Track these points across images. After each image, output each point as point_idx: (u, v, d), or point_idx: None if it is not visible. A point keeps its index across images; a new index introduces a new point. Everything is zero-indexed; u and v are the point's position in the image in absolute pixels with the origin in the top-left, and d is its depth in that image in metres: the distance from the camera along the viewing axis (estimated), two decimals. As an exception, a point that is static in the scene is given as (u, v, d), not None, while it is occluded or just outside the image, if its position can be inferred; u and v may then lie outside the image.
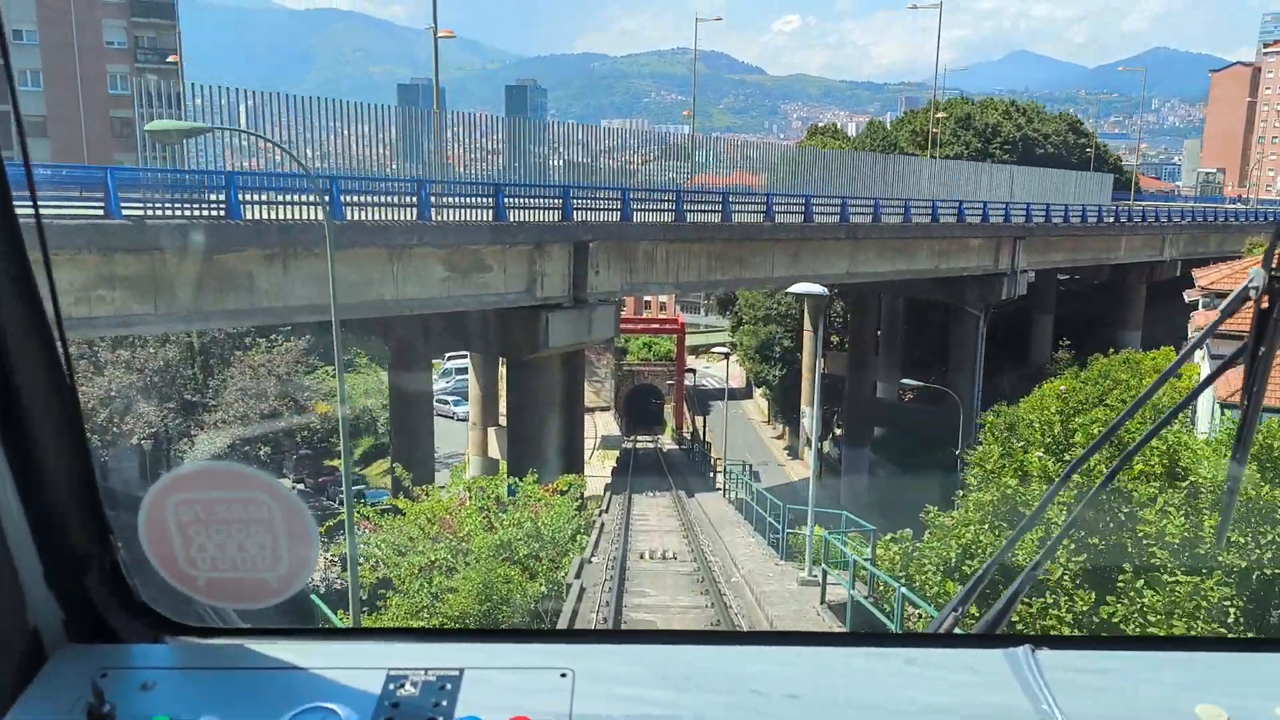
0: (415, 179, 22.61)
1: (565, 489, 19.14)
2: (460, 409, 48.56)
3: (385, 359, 34.89)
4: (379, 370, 41.93)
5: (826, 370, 40.65)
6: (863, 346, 48.77)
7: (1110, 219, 49.00)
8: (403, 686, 1.40)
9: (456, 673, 1.42)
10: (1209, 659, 1.57)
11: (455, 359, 53.90)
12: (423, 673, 1.42)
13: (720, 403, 56.11)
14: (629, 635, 1.68)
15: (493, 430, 34.23)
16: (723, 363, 60.82)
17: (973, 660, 1.52)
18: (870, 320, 49.43)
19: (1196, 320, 25.03)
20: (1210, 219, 59.67)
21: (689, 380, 62.20)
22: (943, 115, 58.13)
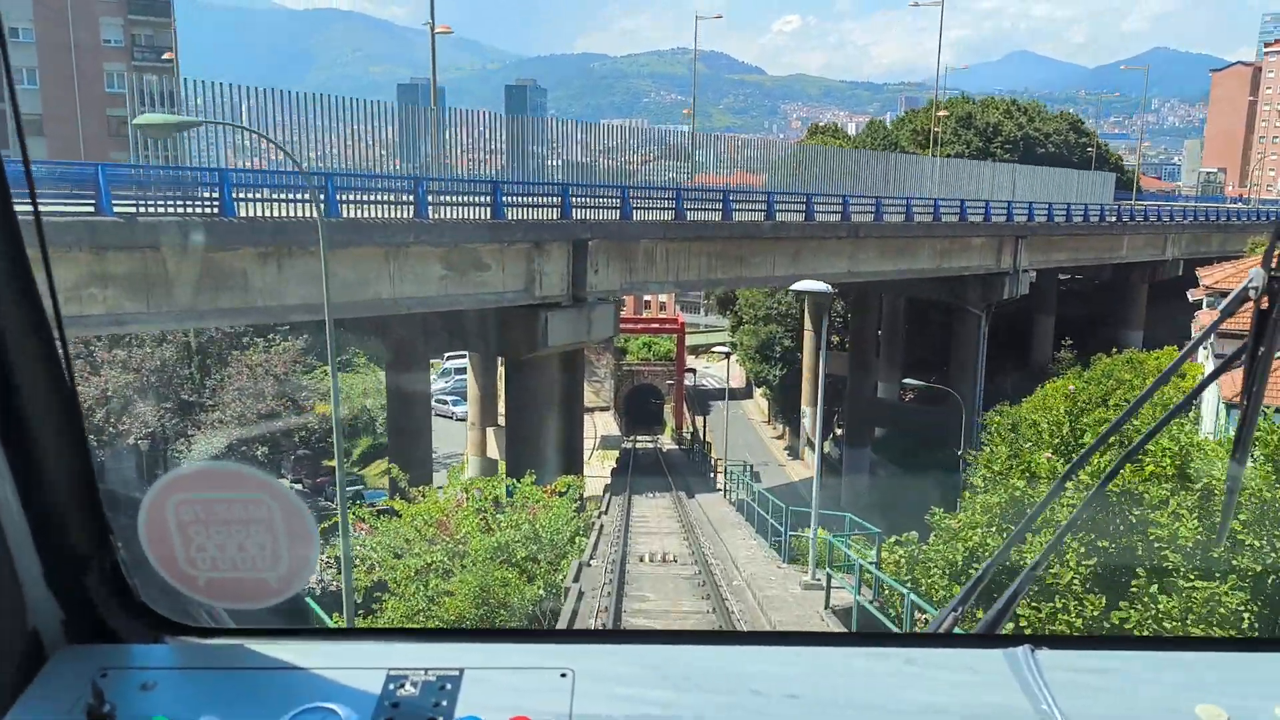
0: (412, 176, 22.39)
1: (564, 490, 18.93)
2: (459, 409, 48.42)
3: (383, 359, 34.69)
4: (377, 370, 41.72)
5: (827, 370, 40.48)
6: (864, 346, 48.62)
7: (1112, 218, 48.79)
8: (403, 686, 1.40)
9: (456, 673, 1.43)
10: (1209, 659, 1.57)
11: (454, 359, 53.71)
12: (423, 673, 1.43)
13: (720, 403, 55.94)
14: (629, 635, 1.68)
15: (491, 430, 34.08)
16: (723, 363, 60.68)
17: (972, 660, 1.52)
18: (871, 320, 49.28)
19: (1201, 319, 24.89)
20: (1212, 219, 59.51)
21: (689, 380, 62.00)
22: (944, 114, 57.92)
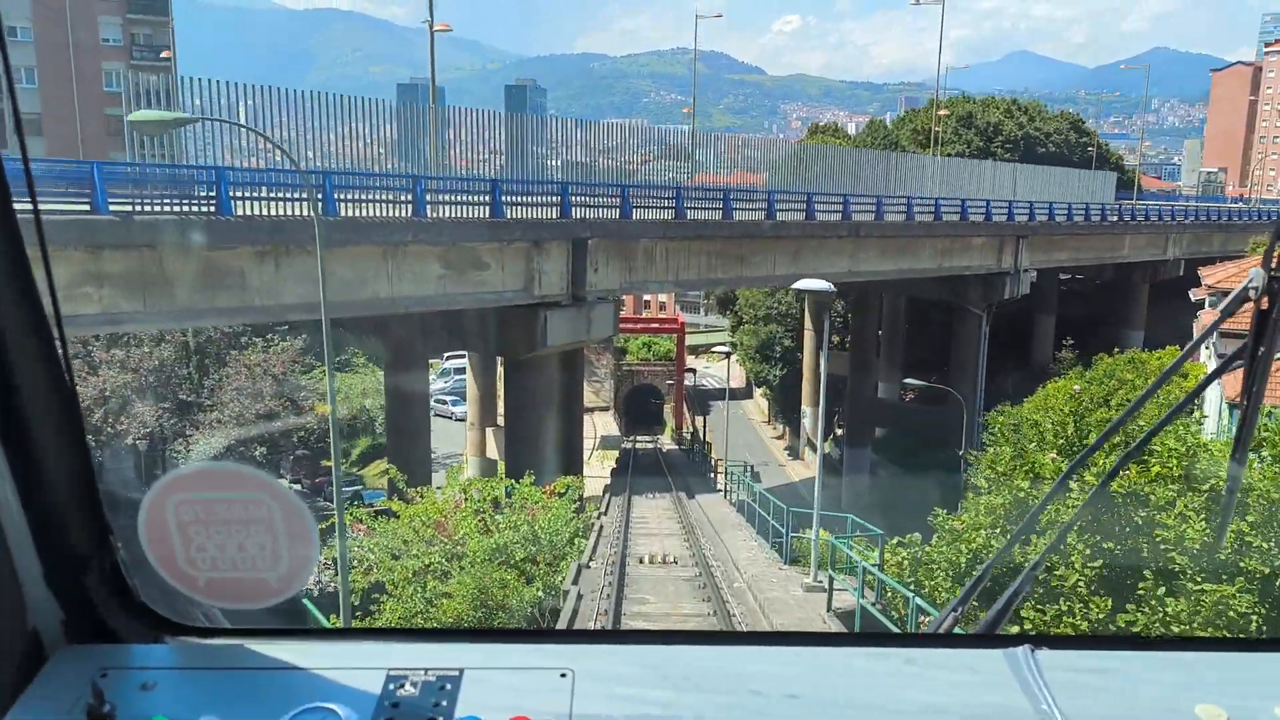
0: (410, 174, 22.25)
1: (563, 491, 18.80)
2: (458, 409, 48.30)
3: (382, 358, 34.57)
4: (376, 370, 41.60)
5: (828, 370, 40.39)
6: (864, 346, 48.50)
7: (1114, 218, 48.66)
8: (402, 687, 1.40)
9: (456, 673, 1.43)
10: (1209, 659, 1.56)
11: (453, 359, 53.59)
12: (422, 673, 1.42)
13: (720, 403, 55.80)
14: (629, 635, 1.67)
15: (491, 430, 33.96)
16: (723, 362, 60.54)
17: (972, 660, 1.52)
18: (872, 320, 49.17)
19: (1203, 319, 24.76)
20: (1213, 218, 59.40)
21: (689, 380, 61.85)
22: (945, 113, 57.81)
